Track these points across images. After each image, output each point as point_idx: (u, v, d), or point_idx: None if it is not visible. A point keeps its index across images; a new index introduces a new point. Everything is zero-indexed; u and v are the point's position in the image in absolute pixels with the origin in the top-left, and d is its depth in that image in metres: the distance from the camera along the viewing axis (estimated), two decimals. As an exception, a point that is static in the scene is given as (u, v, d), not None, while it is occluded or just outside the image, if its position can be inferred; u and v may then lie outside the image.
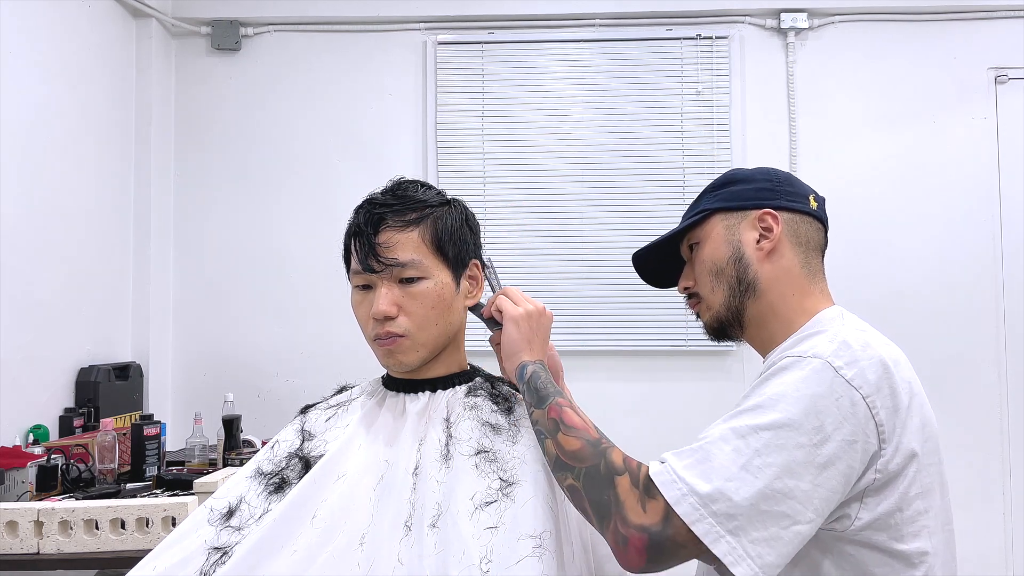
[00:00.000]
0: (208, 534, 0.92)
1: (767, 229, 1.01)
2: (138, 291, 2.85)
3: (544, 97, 2.98)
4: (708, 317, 1.06)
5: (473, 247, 1.04)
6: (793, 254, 1.01)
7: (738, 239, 1.02)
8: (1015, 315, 2.88)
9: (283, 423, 1.09)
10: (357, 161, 3.01)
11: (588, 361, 2.92)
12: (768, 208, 1.01)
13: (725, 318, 1.03)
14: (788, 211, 1.02)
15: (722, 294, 1.02)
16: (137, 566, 0.92)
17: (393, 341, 0.96)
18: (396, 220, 0.97)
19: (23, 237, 2.23)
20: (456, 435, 0.95)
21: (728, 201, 1.04)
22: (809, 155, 2.94)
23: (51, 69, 2.40)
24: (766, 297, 1.00)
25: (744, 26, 2.99)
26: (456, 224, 1.01)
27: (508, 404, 1.01)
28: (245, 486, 0.97)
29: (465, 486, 0.89)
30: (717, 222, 1.04)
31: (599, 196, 2.95)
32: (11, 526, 1.56)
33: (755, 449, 0.79)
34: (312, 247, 2.99)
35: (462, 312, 1.03)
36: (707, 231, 1.04)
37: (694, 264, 1.07)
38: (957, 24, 2.94)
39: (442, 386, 1.02)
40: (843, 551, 0.85)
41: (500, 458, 0.93)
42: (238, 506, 0.94)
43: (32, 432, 2.21)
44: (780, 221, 1.00)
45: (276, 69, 3.04)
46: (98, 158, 2.64)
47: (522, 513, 0.87)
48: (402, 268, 0.95)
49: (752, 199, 1.02)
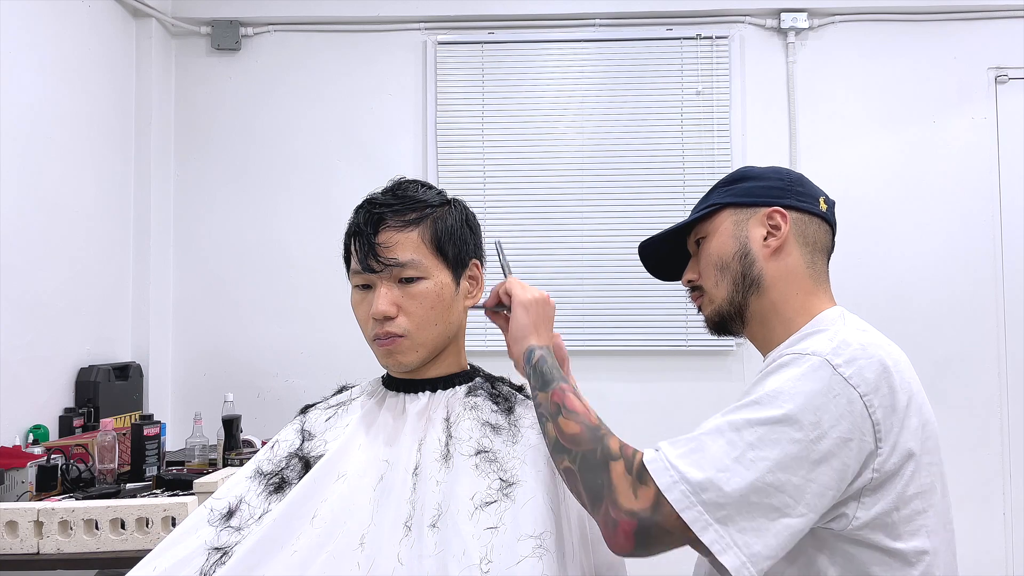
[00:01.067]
0: (208, 534, 0.92)
1: (775, 227, 1.01)
2: (138, 291, 2.85)
3: (544, 97, 2.98)
4: (710, 311, 1.06)
5: (473, 247, 1.04)
6: (799, 254, 1.01)
7: (745, 235, 1.02)
8: (1015, 315, 2.88)
9: (283, 423, 1.09)
10: (357, 161, 3.01)
11: (588, 361, 2.91)
12: (777, 206, 1.01)
13: (727, 312, 1.04)
14: (797, 211, 1.02)
15: (726, 288, 1.03)
16: (137, 566, 0.92)
17: (392, 341, 0.97)
18: (396, 220, 0.97)
19: (23, 237, 2.23)
20: (456, 435, 0.95)
21: (738, 197, 1.04)
22: (809, 155, 2.94)
23: (51, 69, 2.40)
24: (769, 294, 1.00)
25: (744, 26, 2.98)
26: (456, 224, 1.01)
27: (508, 404, 1.01)
28: (245, 486, 0.97)
29: (465, 486, 0.89)
30: (726, 217, 1.04)
31: (599, 196, 2.94)
32: (11, 526, 1.56)
33: (749, 442, 0.80)
34: (312, 247, 2.99)
35: (462, 312, 1.03)
36: (715, 225, 1.04)
37: (700, 258, 1.07)
38: (957, 24, 2.94)
39: (442, 386, 1.02)
40: (841, 550, 0.85)
41: (500, 458, 0.93)
42: (238, 506, 0.94)
43: (32, 432, 2.21)
44: (788, 220, 1.01)
45: (276, 69, 3.04)
46: (98, 158, 2.64)
47: (522, 513, 0.87)
48: (401, 268, 0.95)
49: (762, 196, 1.03)
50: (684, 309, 2.88)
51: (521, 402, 1.03)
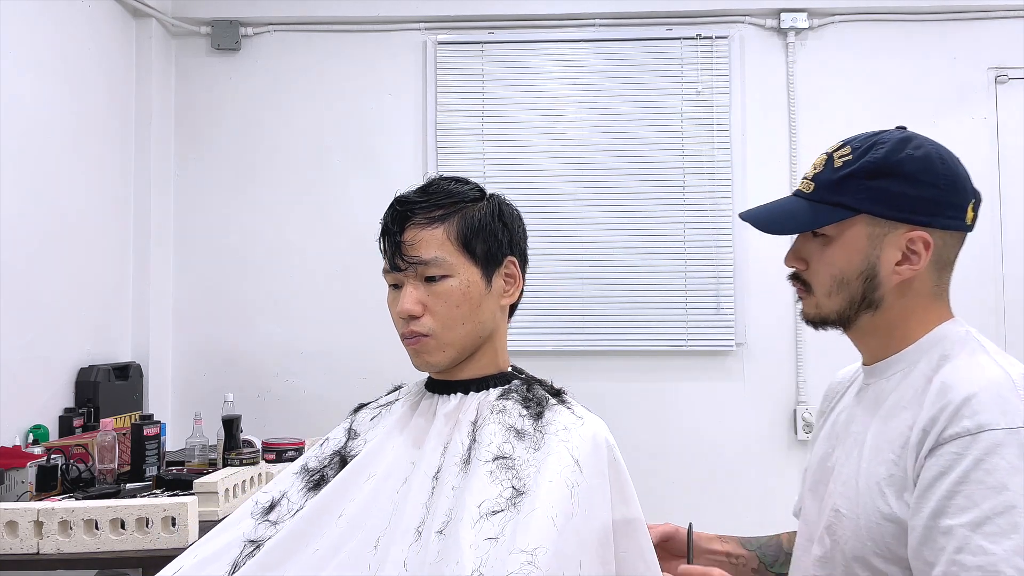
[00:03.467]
0: (248, 527, 0.93)
1: (913, 252, 0.89)
2: (138, 291, 2.85)
3: (544, 97, 2.98)
4: (812, 313, 0.97)
5: (509, 243, 0.99)
6: (927, 276, 0.92)
7: (877, 255, 0.90)
8: (1015, 315, 2.87)
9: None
10: (357, 161, 3.01)
11: (588, 361, 2.91)
12: (923, 227, 0.89)
13: (832, 321, 0.95)
14: (943, 230, 0.90)
15: (839, 303, 0.93)
16: (184, 553, 0.93)
17: (418, 340, 0.95)
18: (421, 217, 0.95)
19: (23, 237, 2.23)
20: (480, 439, 0.91)
21: (881, 205, 0.89)
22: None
23: (51, 69, 2.40)
24: (885, 315, 0.92)
25: (744, 26, 2.98)
26: (487, 219, 0.97)
27: (539, 409, 0.95)
28: (289, 481, 0.98)
29: (475, 493, 0.85)
30: (861, 228, 0.91)
31: (599, 196, 2.94)
32: (11, 526, 1.55)
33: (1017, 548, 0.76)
34: (312, 247, 2.99)
35: (496, 312, 0.99)
36: (845, 233, 0.92)
37: (815, 254, 0.95)
38: (957, 24, 2.94)
39: (475, 388, 0.98)
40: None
41: (517, 465, 0.88)
42: (280, 501, 0.95)
43: (32, 432, 2.21)
44: (932, 248, 0.89)
45: (276, 69, 3.04)
46: (98, 158, 2.64)
47: (522, 525, 0.82)
48: (425, 266, 0.93)
49: (909, 211, 0.89)
50: (684, 309, 2.88)
51: (552, 407, 0.95)
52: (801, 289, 0.98)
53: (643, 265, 2.91)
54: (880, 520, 0.88)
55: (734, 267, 2.90)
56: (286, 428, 2.67)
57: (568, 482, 0.85)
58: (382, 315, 2.97)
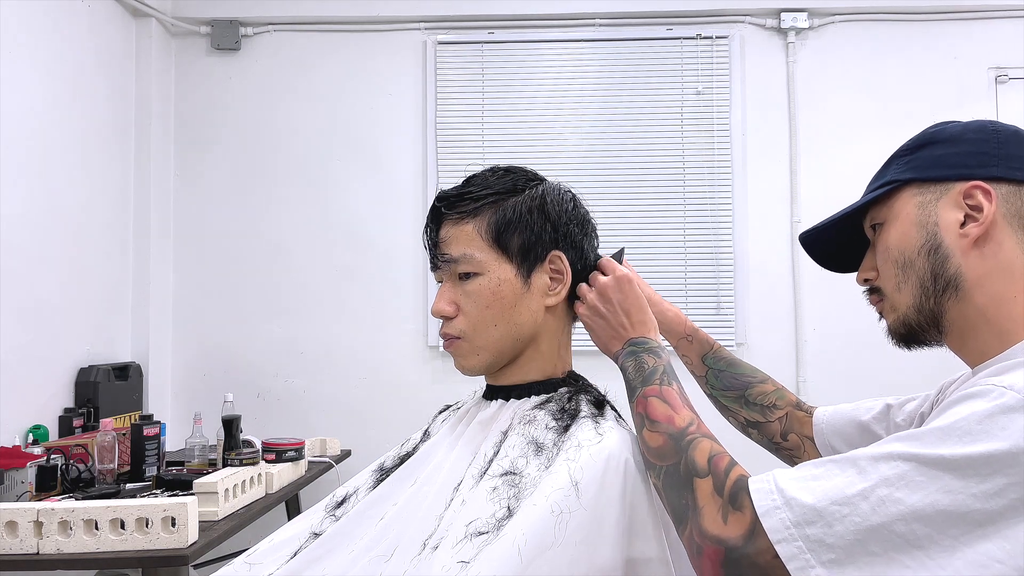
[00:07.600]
0: (317, 519, 0.94)
1: (975, 207, 0.75)
2: (138, 291, 2.85)
3: (544, 97, 2.98)
4: (893, 320, 0.82)
5: (552, 237, 0.91)
6: (1014, 242, 0.75)
7: (934, 221, 0.77)
8: None
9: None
10: (357, 161, 3.01)
11: (588, 361, 2.90)
12: (978, 180, 0.75)
13: (916, 323, 0.79)
14: (1008, 182, 0.75)
15: (911, 293, 0.79)
16: (274, 533, 0.95)
17: (452, 343, 0.91)
18: (452, 213, 0.91)
19: (23, 237, 2.23)
20: (503, 451, 0.84)
21: (924, 170, 0.79)
22: (809, 155, 2.94)
23: (51, 69, 2.40)
24: (973, 299, 0.75)
25: (744, 26, 2.98)
26: (525, 211, 0.89)
27: (567, 422, 0.85)
28: (364, 478, 0.98)
29: (472, 510, 0.78)
30: (908, 198, 0.79)
31: (599, 196, 2.94)
32: (11, 526, 1.55)
33: (885, 477, 0.62)
34: (312, 247, 2.99)
35: (539, 313, 0.90)
36: (894, 209, 0.81)
37: (877, 250, 0.84)
38: (957, 24, 2.94)
39: (516, 395, 0.92)
40: None
41: (523, 483, 0.79)
42: (351, 496, 0.95)
43: (32, 432, 2.21)
44: (995, 197, 0.75)
45: (276, 69, 3.04)
46: (98, 158, 2.64)
47: (485, 552, 0.72)
48: (455, 264, 0.89)
49: (956, 167, 0.77)
50: (684, 309, 2.87)
51: (580, 420, 0.85)
52: (875, 299, 0.86)
53: (643, 265, 2.91)
54: None
55: (734, 267, 2.90)
56: (286, 428, 2.68)
57: (556, 507, 0.74)
58: (382, 315, 2.98)
